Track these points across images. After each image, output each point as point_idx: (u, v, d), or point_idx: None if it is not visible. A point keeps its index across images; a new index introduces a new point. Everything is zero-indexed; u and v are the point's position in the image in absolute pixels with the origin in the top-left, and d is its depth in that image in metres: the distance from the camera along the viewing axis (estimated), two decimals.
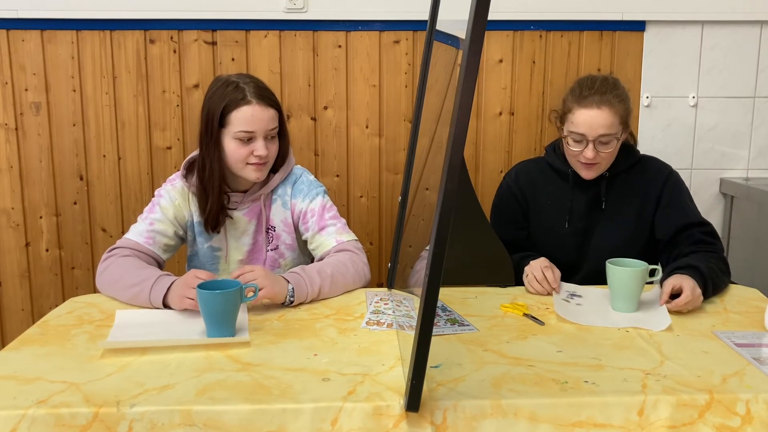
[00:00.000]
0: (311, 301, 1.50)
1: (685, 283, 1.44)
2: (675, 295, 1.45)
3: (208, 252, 1.72)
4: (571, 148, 1.74)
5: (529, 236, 1.86)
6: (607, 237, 1.78)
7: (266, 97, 1.62)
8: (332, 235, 1.66)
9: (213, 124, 1.60)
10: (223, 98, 1.60)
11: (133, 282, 1.47)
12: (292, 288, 1.45)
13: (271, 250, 1.72)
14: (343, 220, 1.71)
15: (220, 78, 1.65)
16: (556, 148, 1.87)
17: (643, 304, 1.48)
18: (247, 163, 1.61)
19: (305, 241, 1.73)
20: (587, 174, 1.75)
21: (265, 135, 1.61)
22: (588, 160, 1.72)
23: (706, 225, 1.71)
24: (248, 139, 1.59)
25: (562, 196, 1.82)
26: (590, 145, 1.70)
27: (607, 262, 1.46)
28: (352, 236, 1.68)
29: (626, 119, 1.76)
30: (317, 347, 1.24)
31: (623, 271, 1.43)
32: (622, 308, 1.45)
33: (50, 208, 2.39)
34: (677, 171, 1.83)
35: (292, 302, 1.46)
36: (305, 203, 1.70)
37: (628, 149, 1.82)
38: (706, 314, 1.43)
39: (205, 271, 1.41)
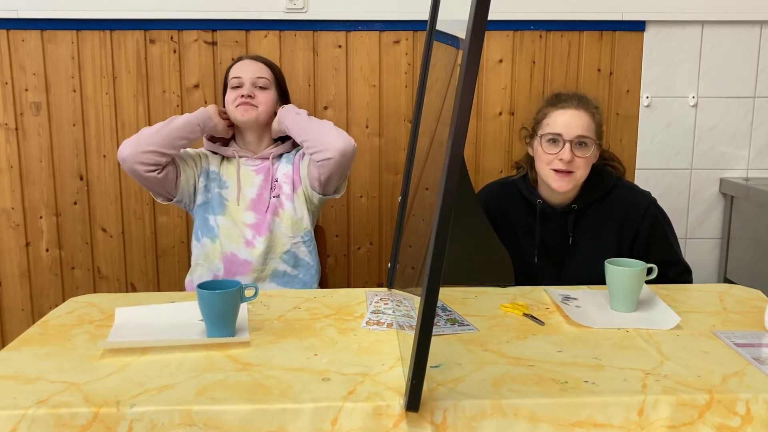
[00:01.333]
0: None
1: None
2: None
3: (217, 196, 1.88)
4: (546, 152, 1.69)
5: None
6: (584, 271, 1.73)
7: (258, 56, 1.95)
8: None
9: (223, 88, 1.93)
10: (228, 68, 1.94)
11: (177, 122, 1.79)
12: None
13: (274, 197, 1.88)
14: None
15: None
16: (526, 176, 1.83)
17: (642, 303, 1.48)
18: (236, 106, 1.86)
19: (303, 199, 1.88)
20: (560, 185, 1.69)
21: (252, 82, 1.87)
22: (564, 165, 1.67)
23: (679, 265, 1.74)
24: (238, 85, 1.87)
25: (531, 227, 1.78)
26: (567, 146, 1.66)
27: (606, 262, 1.45)
28: None
29: (600, 132, 1.73)
30: (317, 347, 1.24)
31: (623, 271, 1.43)
32: (622, 308, 1.44)
33: (50, 208, 2.40)
34: (678, 171, 1.82)
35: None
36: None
37: (599, 176, 1.76)
38: (706, 314, 1.43)
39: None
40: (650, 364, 1.16)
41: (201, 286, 1.29)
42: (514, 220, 1.81)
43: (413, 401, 0.99)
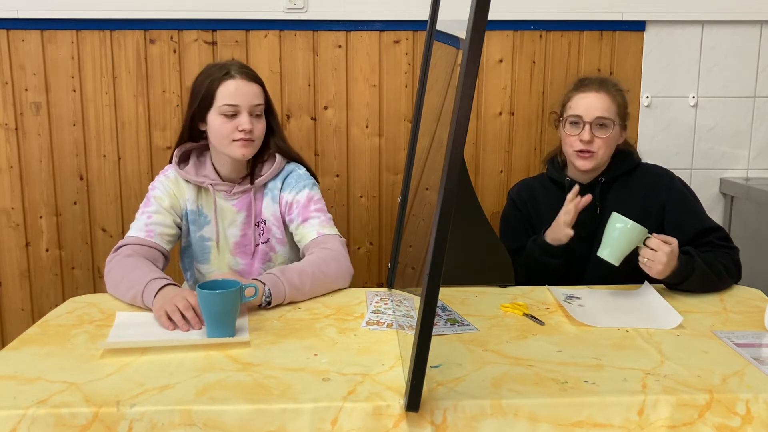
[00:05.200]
0: (291, 302, 1.48)
1: (667, 249, 1.49)
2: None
3: (199, 241, 1.73)
4: (568, 133, 1.77)
5: None
6: None
7: (249, 73, 1.66)
8: (314, 227, 1.66)
9: (200, 104, 1.64)
10: (208, 77, 1.64)
11: (130, 285, 1.47)
12: (269, 290, 1.43)
13: (262, 243, 1.72)
14: (329, 215, 1.71)
15: (209, 64, 1.71)
16: (554, 159, 1.89)
17: (644, 301, 1.48)
18: (233, 140, 1.62)
19: (293, 234, 1.72)
20: (583, 164, 1.75)
21: (249, 110, 1.62)
22: (584, 145, 1.73)
23: (720, 230, 1.71)
24: (233, 113, 1.61)
25: (561, 205, 1.81)
26: (587, 127, 1.73)
27: (614, 212, 1.52)
28: (334, 231, 1.68)
29: (623, 113, 1.78)
30: (317, 347, 1.24)
31: (625, 221, 1.50)
32: (608, 255, 1.51)
33: (50, 208, 2.40)
34: (678, 171, 1.83)
35: (269, 303, 1.43)
36: (291, 195, 1.70)
37: (625, 155, 1.82)
38: (706, 314, 1.43)
39: (194, 295, 1.35)
40: (650, 364, 1.16)
41: (201, 286, 1.29)
42: (545, 205, 1.86)
43: (413, 401, 0.99)
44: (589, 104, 1.74)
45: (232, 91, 1.61)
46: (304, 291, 1.50)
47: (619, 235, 1.51)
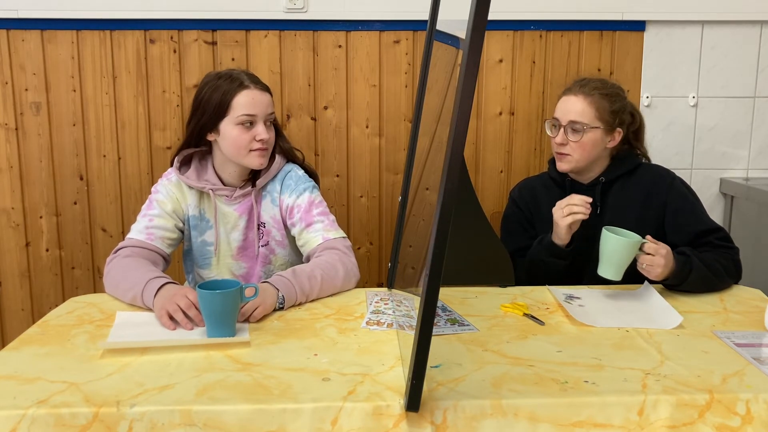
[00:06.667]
0: (300, 304, 1.49)
1: (663, 251, 1.49)
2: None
3: (200, 246, 1.73)
4: (548, 134, 1.81)
5: None
6: None
7: (261, 82, 1.67)
8: (319, 232, 1.66)
9: (212, 114, 1.62)
10: (218, 89, 1.62)
11: (129, 285, 1.47)
12: (282, 296, 1.44)
13: (262, 246, 1.72)
14: (332, 217, 1.71)
15: (210, 73, 1.69)
16: (554, 159, 1.89)
17: (647, 304, 1.48)
18: (251, 150, 1.63)
19: (295, 238, 1.72)
20: (560, 165, 1.79)
21: (264, 119, 1.64)
22: (558, 147, 1.76)
23: (720, 231, 1.70)
24: (250, 123, 1.62)
25: None
26: (561, 130, 1.75)
27: (603, 229, 1.51)
28: (340, 233, 1.68)
29: (607, 117, 1.76)
30: (317, 347, 1.24)
31: (617, 239, 1.48)
32: (607, 273, 1.49)
33: (50, 208, 2.40)
34: (678, 171, 1.83)
35: (282, 308, 1.44)
36: (292, 199, 1.70)
37: (626, 155, 1.82)
38: (706, 314, 1.43)
39: (194, 292, 1.35)
40: (650, 364, 1.16)
41: (201, 286, 1.29)
42: (547, 204, 1.85)
43: (413, 401, 0.99)
44: (566, 107, 1.76)
45: (249, 101, 1.62)
46: (312, 296, 1.51)
47: (614, 252, 1.50)
